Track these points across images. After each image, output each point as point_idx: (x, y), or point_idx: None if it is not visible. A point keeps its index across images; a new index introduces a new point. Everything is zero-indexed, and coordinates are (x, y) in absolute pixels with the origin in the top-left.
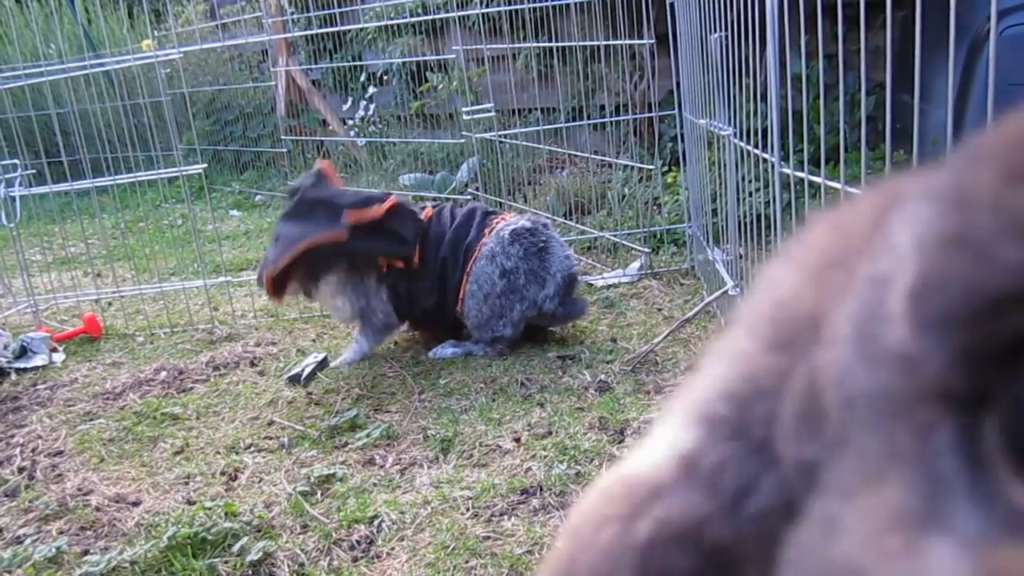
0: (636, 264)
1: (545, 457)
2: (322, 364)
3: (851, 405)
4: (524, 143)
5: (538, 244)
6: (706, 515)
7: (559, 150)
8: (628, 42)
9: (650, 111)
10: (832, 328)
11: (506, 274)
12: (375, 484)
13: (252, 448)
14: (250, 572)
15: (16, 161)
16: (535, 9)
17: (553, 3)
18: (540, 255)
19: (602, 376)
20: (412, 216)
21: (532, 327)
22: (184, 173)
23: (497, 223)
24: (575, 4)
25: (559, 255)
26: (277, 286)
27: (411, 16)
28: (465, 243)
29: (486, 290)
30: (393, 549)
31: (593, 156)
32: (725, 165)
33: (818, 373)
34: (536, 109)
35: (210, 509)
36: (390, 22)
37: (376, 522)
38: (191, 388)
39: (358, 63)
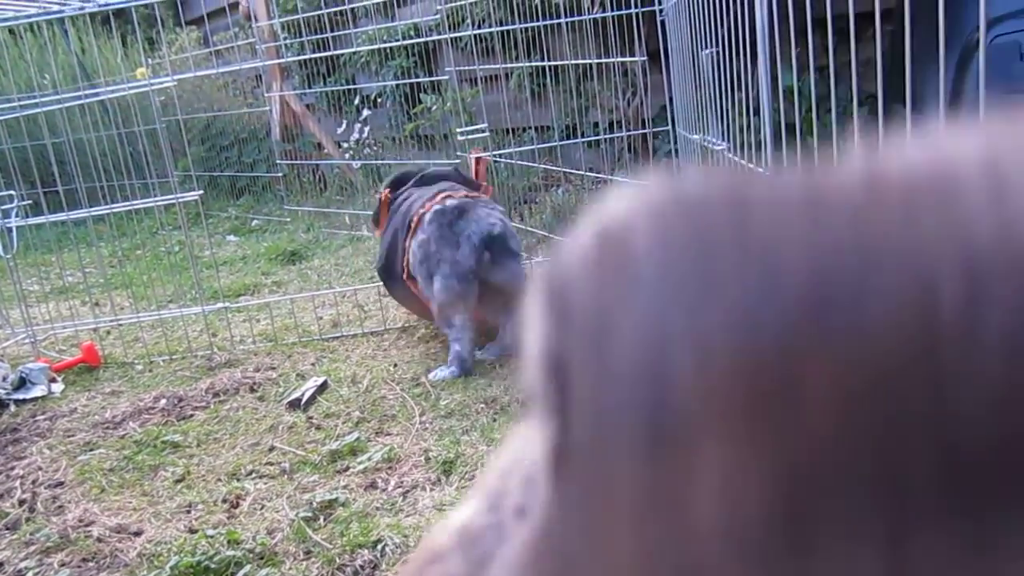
0: None
1: None
2: (322, 388)
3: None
4: (519, 162)
5: (449, 217)
6: None
7: (554, 168)
8: (620, 60)
9: (644, 127)
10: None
11: (422, 245)
12: (378, 508)
13: (253, 474)
14: None
15: (12, 192)
16: (527, 29)
17: (545, 23)
18: (451, 225)
19: None
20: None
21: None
22: (180, 200)
23: (430, 207)
24: (567, 23)
25: (475, 220)
26: None
27: (404, 39)
28: (405, 222)
29: (413, 265)
30: (397, 574)
31: (588, 173)
32: None
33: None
34: (530, 128)
35: (212, 537)
36: (383, 45)
37: (379, 547)
38: (191, 415)
39: (352, 86)
